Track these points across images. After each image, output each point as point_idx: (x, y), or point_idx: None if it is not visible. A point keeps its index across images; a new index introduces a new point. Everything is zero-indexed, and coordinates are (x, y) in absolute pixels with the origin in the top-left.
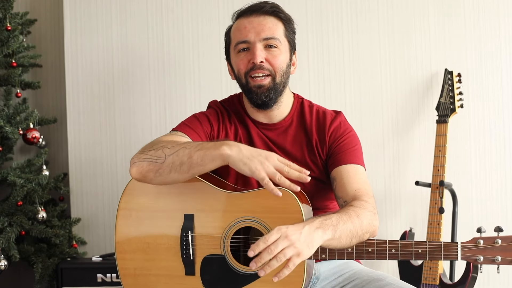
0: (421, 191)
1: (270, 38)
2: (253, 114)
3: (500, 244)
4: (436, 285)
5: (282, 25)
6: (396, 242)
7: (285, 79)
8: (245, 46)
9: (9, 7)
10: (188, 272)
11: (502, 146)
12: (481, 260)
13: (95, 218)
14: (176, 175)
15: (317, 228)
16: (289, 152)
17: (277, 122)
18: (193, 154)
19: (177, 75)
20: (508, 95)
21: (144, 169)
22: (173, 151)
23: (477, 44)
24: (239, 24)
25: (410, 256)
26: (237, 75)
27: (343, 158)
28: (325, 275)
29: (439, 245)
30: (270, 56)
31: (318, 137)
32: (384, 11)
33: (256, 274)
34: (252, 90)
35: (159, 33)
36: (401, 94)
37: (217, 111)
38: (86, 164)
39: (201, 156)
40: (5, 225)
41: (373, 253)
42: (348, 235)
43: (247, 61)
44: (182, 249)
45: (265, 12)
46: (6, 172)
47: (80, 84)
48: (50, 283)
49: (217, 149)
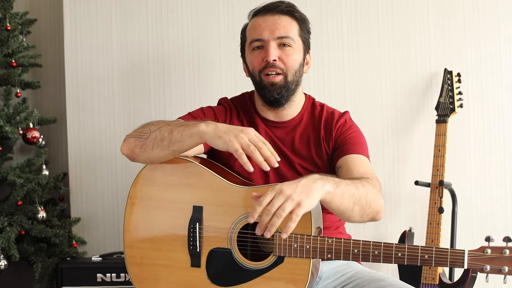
0: (421, 190)
1: (284, 37)
2: (263, 112)
3: (508, 255)
4: (436, 285)
5: (296, 24)
6: (402, 246)
7: (298, 78)
8: (259, 44)
9: (9, 7)
10: (193, 263)
11: (501, 146)
12: (487, 269)
13: (95, 217)
14: (158, 150)
15: (317, 179)
16: (296, 148)
17: (287, 121)
18: (173, 130)
19: (177, 75)
20: (507, 95)
21: (131, 144)
22: (158, 127)
23: (477, 44)
24: (254, 22)
25: (416, 261)
26: (251, 72)
27: (349, 149)
28: (327, 275)
29: (446, 252)
30: (283, 54)
31: (325, 132)
32: (384, 11)
33: (260, 270)
34: (266, 87)
35: (159, 33)
36: (400, 94)
37: (225, 107)
38: (86, 164)
39: (180, 132)
40: (5, 225)
41: (379, 256)
42: (351, 197)
43: (261, 59)
44: (190, 240)
45: (280, 11)
46: (6, 172)
47: (80, 84)
48: (50, 282)
49: (195, 126)
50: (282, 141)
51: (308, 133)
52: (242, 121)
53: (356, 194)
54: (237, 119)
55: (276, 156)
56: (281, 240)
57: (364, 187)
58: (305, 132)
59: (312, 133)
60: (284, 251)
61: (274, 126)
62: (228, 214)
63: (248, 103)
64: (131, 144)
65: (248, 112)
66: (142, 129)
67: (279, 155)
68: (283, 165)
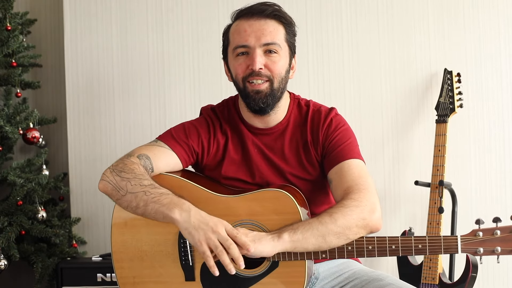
0: (421, 190)
1: (271, 43)
2: (249, 119)
3: (499, 235)
4: (436, 284)
5: (283, 28)
6: (396, 238)
7: (284, 85)
8: (244, 50)
9: (9, 7)
10: (188, 278)
11: (501, 146)
12: (481, 251)
13: (95, 217)
14: (131, 211)
15: (269, 241)
16: (286, 156)
17: (274, 126)
18: (148, 204)
19: (176, 74)
20: (507, 95)
21: (108, 190)
22: (134, 190)
23: (477, 44)
24: (239, 26)
25: (411, 251)
26: (234, 79)
27: (336, 157)
28: (324, 275)
29: (439, 239)
30: (269, 61)
31: (311, 135)
32: (383, 11)
33: (256, 276)
34: (250, 95)
35: (159, 33)
36: (400, 94)
37: (207, 122)
38: (86, 164)
39: (155, 210)
40: (5, 225)
41: (374, 250)
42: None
43: (245, 66)
44: (181, 255)
45: (266, 15)
46: (6, 171)
47: (80, 84)
48: (50, 282)
49: (169, 210)
50: (271, 149)
51: (296, 138)
52: (226, 133)
53: (321, 229)
54: (221, 133)
55: (240, 263)
56: None
57: (331, 217)
58: (293, 137)
59: (300, 138)
60: (278, 255)
61: (261, 134)
62: None
63: (232, 110)
64: (107, 190)
65: (233, 121)
66: (120, 181)
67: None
68: (272, 175)
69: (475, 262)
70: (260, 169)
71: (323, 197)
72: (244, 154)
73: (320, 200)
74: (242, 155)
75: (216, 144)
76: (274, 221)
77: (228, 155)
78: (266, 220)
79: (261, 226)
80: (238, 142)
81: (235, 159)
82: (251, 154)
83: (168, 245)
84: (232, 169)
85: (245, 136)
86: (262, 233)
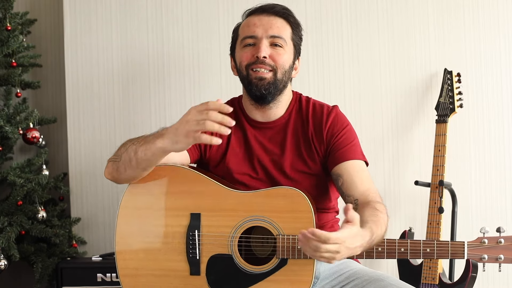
0: (421, 190)
1: (277, 36)
2: (251, 112)
3: (503, 244)
4: (436, 284)
5: (290, 28)
6: (405, 241)
7: (286, 79)
8: (251, 41)
9: (9, 7)
10: (193, 272)
11: (501, 146)
12: (486, 258)
13: (95, 217)
14: (130, 171)
15: (358, 247)
16: (287, 150)
17: (275, 120)
18: (138, 149)
19: (176, 74)
20: (507, 94)
21: (110, 169)
22: (126, 148)
23: (477, 44)
24: (249, 20)
25: (419, 255)
26: (238, 68)
27: (345, 155)
28: (325, 275)
29: (446, 244)
30: (274, 53)
31: (314, 130)
32: (383, 11)
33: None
34: (253, 82)
35: (159, 33)
36: (400, 94)
37: None
38: (86, 164)
39: (144, 150)
40: (5, 225)
41: (383, 252)
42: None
43: (251, 55)
44: (188, 248)
45: (275, 12)
46: (6, 171)
47: (80, 84)
48: (50, 282)
49: (154, 144)
50: (272, 142)
51: (297, 132)
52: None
53: (381, 235)
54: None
55: (229, 121)
56: (284, 242)
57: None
58: (295, 131)
59: (301, 132)
60: (288, 253)
61: (263, 127)
62: (228, 219)
63: (236, 107)
64: (109, 169)
65: (236, 116)
66: (117, 151)
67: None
68: (273, 167)
69: (475, 262)
70: (262, 163)
71: (323, 193)
72: (246, 147)
73: (320, 196)
74: (244, 149)
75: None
76: (285, 218)
77: (231, 148)
78: (278, 217)
79: (272, 223)
80: (241, 137)
81: (238, 152)
82: (254, 149)
83: (176, 237)
84: (234, 162)
85: (248, 130)
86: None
